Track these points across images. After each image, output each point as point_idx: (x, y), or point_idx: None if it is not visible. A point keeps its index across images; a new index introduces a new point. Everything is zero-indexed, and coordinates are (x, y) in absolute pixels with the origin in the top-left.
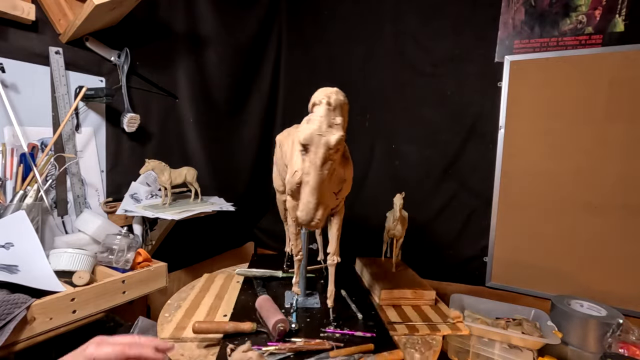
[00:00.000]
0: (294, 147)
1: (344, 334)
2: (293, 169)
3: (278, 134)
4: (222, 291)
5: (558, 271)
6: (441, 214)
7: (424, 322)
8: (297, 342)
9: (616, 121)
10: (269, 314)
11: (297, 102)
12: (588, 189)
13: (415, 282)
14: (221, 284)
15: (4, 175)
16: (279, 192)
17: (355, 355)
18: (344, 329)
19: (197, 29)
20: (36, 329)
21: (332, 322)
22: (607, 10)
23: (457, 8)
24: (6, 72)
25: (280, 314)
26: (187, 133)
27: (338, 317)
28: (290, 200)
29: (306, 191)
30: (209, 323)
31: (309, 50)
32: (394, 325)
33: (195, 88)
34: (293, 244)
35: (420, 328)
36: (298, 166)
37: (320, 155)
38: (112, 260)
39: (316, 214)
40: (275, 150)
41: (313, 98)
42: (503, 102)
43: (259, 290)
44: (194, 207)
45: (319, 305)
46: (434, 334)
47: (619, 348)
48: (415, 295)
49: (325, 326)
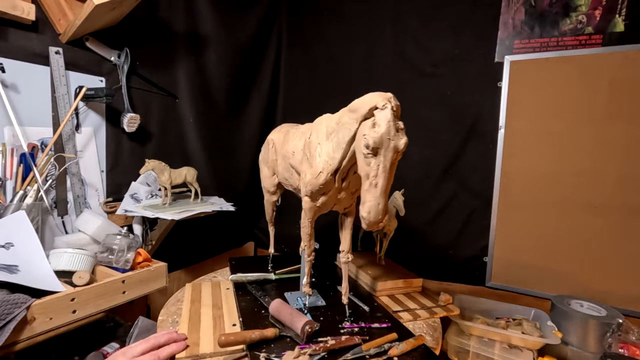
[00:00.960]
0: (309, 148)
1: (361, 328)
2: (316, 170)
3: (270, 134)
4: (217, 300)
5: (558, 271)
6: (441, 214)
7: (421, 308)
8: (329, 341)
9: (616, 121)
10: (293, 317)
11: (297, 102)
12: (588, 189)
13: (403, 272)
14: (210, 292)
15: (4, 175)
16: (270, 193)
17: (385, 345)
18: (359, 323)
19: (197, 29)
20: (36, 329)
21: (348, 317)
22: (607, 10)
23: (457, 8)
24: (6, 72)
25: (305, 316)
26: (187, 133)
27: (336, 307)
28: (308, 201)
29: (375, 193)
30: (235, 334)
31: (309, 50)
32: (399, 314)
33: (195, 88)
34: (306, 244)
35: (421, 314)
36: (321, 167)
37: (389, 158)
38: (112, 260)
39: (384, 215)
40: (265, 149)
41: (368, 103)
42: (503, 102)
43: (259, 294)
44: (194, 207)
45: (324, 303)
46: (433, 318)
47: (619, 348)
48: (406, 284)
49: (340, 322)
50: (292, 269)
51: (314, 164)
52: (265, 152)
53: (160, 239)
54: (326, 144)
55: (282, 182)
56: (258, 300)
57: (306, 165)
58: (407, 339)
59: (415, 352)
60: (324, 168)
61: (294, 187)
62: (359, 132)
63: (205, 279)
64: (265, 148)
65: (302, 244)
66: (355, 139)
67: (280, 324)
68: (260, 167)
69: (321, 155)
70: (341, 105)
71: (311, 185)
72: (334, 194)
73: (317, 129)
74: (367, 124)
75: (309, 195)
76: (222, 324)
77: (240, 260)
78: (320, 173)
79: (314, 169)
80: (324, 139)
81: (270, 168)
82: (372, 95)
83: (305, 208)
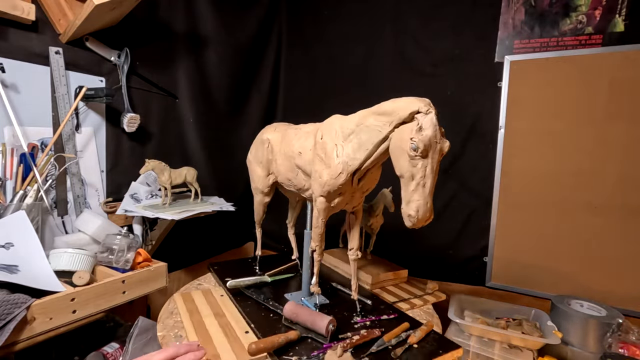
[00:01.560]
0: (324, 149)
1: (372, 321)
2: (336, 170)
3: (262, 133)
4: (216, 308)
5: (558, 271)
6: (441, 214)
7: (414, 297)
8: (353, 336)
9: (616, 121)
10: (314, 317)
11: (297, 102)
12: (588, 189)
13: (389, 265)
14: (205, 301)
15: (4, 175)
16: (263, 194)
17: (402, 334)
18: (368, 317)
19: (197, 29)
20: (36, 329)
21: (360, 312)
22: (607, 10)
23: (457, 8)
24: (6, 72)
25: (326, 315)
26: (187, 133)
27: (341, 303)
28: (323, 201)
29: (424, 193)
30: (264, 341)
31: (309, 50)
32: (397, 304)
33: (195, 88)
34: (318, 245)
35: (416, 302)
36: (341, 168)
37: (436, 160)
38: (112, 260)
39: (431, 213)
40: (258, 149)
41: (407, 107)
42: (503, 102)
43: (262, 299)
44: (194, 207)
45: (328, 301)
46: (425, 304)
47: (619, 348)
48: (395, 276)
49: (350, 318)
50: (281, 269)
51: (332, 165)
52: (258, 152)
53: (160, 239)
54: (345, 145)
55: (282, 182)
56: (262, 305)
57: (321, 165)
58: (416, 326)
59: (429, 337)
60: (344, 169)
61: (298, 187)
62: (397, 135)
63: (190, 287)
64: (259, 147)
65: (312, 244)
66: (386, 141)
67: (296, 325)
68: (250, 167)
69: (340, 156)
70: (341, 105)
71: (329, 185)
72: (348, 193)
73: (328, 129)
74: (409, 128)
75: (325, 196)
76: (232, 333)
77: (221, 265)
78: (340, 174)
79: (333, 170)
80: (341, 140)
81: (264, 168)
82: (409, 100)
83: (320, 208)
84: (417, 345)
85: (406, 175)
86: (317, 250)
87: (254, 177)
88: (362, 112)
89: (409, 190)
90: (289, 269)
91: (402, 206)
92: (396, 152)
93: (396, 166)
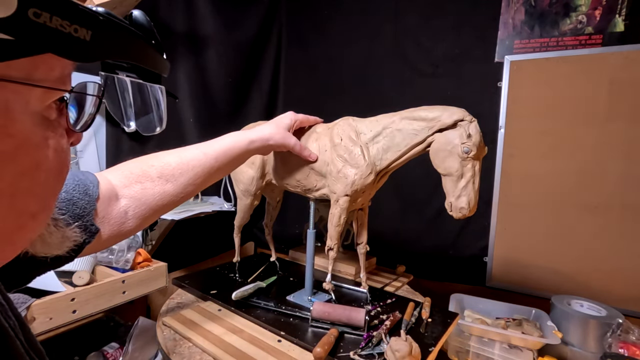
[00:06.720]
0: (347, 151)
1: (382, 306)
2: (366, 170)
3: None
4: (224, 324)
5: (558, 271)
6: (441, 214)
7: (392, 280)
8: (385, 322)
9: (616, 121)
10: (349, 312)
11: (297, 102)
12: (588, 189)
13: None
14: (205, 319)
15: None
16: (254, 197)
17: (415, 312)
18: (375, 304)
19: (197, 29)
20: (36, 329)
21: (370, 301)
22: (607, 10)
23: (457, 8)
24: None
25: (358, 307)
26: (187, 133)
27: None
28: (347, 200)
29: (474, 189)
30: (322, 344)
31: (309, 50)
32: (385, 289)
33: (195, 88)
34: (336, 243)
35: (396, 284)
36: (371, 168)
37: (480, 161)
38: (112, 260)
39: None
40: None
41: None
42: (503, 102)
43: (272, 305)
44: (194, 207)
45: (333, 296)
46: (403, 285)
47: (619, 348)
48: (369, 264)
49: (362, 307)
50: (260, 272)
51: (360, 164)
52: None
53: (160, 239)
54: (370, 146)
55: (287, 184)
56: (275, 311)
57: (345, 166)
58: (419, 304)
59: (433, 310)
60: (372, 169)
61: (307, 188)
62: (441, 139)
63: (171, 307)
64: None
65: (328, 242)
66: (422, 144)
67: (324, 323)
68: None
69: (368, 156)
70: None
71: (357, 185)
72: (367, 192)
73: (347, 131)
74: (456, 133)
75: (350, 195)
76: (267, 345)
77: (191, 278)
78: (370, 174)
79: (362, 170)
80: (367, 141)
81: (258, 169)
82: (449, 108)
83: (344, 207)
84: (430, 319)
85: (456, 174)
86: (334, 248)
87: (243, 179)
88: (387, 116)
89: (459, 187)
90: (269, 271)
91: (451, 200)
92: (441, 154)
93: (440, 166)
